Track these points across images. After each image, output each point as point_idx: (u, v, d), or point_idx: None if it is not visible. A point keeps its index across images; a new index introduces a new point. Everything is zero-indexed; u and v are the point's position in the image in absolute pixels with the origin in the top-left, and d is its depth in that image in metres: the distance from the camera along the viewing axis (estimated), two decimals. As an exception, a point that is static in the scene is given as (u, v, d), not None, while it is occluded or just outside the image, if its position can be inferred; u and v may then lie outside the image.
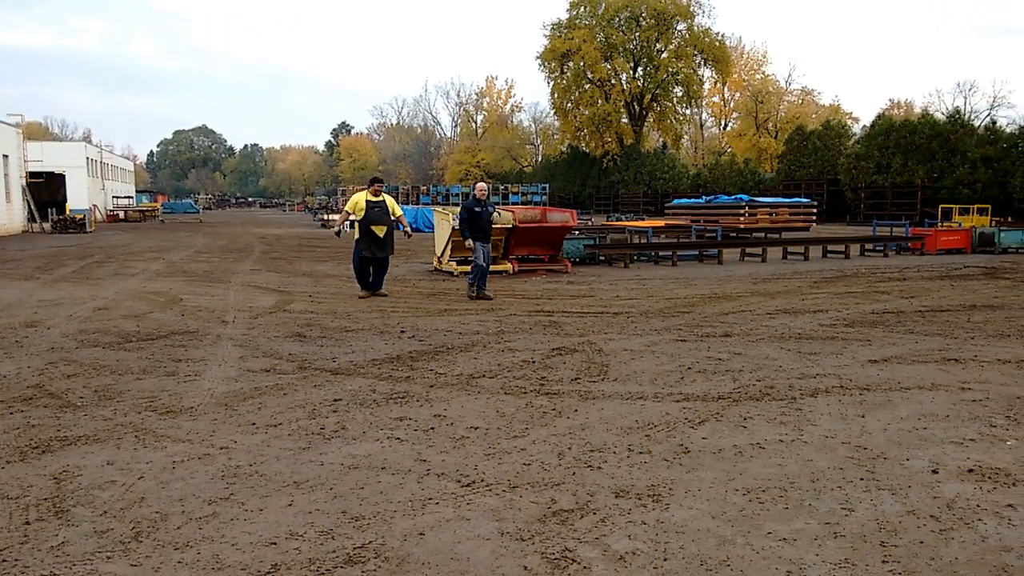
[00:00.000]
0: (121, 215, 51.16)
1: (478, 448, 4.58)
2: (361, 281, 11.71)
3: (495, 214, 11.52)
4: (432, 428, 4.98)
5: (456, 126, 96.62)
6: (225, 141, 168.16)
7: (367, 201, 11.45)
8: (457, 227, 15.37)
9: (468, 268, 15.36)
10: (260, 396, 5.77)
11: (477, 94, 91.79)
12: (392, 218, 11.67)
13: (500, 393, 5.87)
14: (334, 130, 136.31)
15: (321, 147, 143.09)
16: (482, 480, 4.06)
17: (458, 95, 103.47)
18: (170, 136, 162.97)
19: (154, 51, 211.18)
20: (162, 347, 7.71)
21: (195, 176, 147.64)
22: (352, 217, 11.60)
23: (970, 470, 4.18)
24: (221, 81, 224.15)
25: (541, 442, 4.70)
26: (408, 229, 12.53)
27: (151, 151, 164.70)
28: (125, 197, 60.80)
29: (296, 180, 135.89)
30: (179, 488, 3.98)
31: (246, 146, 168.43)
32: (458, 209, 20.13)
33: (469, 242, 11.41)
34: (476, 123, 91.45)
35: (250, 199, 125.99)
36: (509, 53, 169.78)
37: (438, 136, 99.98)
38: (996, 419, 5.13)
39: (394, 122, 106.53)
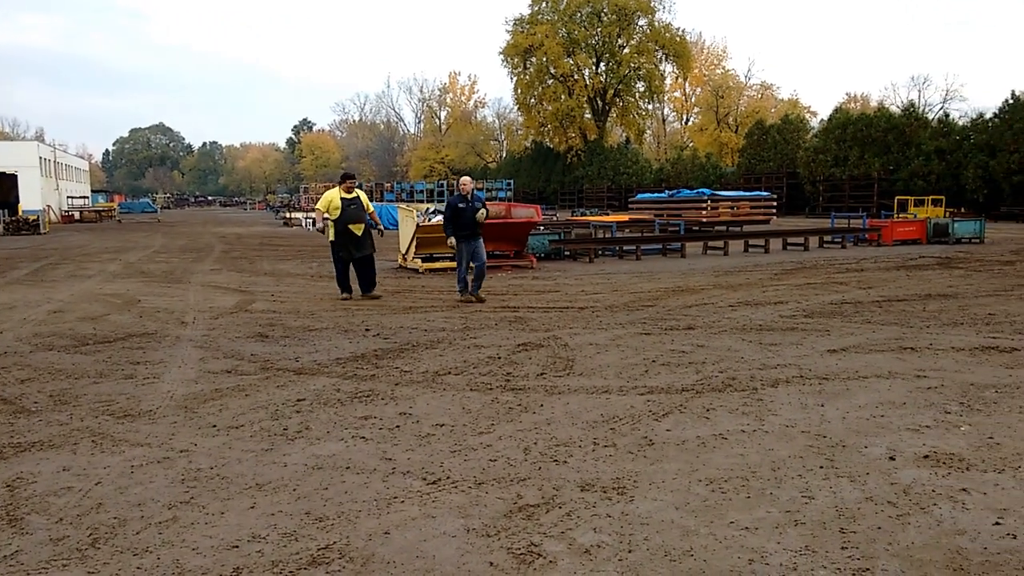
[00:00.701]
0: (76, 215, 49.99)
1: (444, 445, 4.57)
2: (341, 283, 11.12)
3: (482, 210, 10.58)
4: (397, 426, 4.95)
5: (420, 122, 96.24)
6: (183, 139, 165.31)
7: (342, 199, 10.82)
8: (422, 224, 15.38)
9: (434, 265, 15.36)
10: (221, 398, 5.68)
11: (440, 90, 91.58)
12: (367, 214, 11.18)
13: (466, 390, 5.85)
14: (295, 127, 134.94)
15: (282, 144, 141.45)
16: (448, 477, 4.05)
17: (421, 91, 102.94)
18: (126, 134, 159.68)
19: (109, 48, 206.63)
20: (119, 350, 7.55)
21: (153, 175, 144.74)
22: (327, 217, 10.95)
23: (926, 456, 4.28)
24: (179, 78, 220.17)
25: (507, 438, 4.70)
26: (380, 227, 12.04)
27: (107, 150, 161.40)
28: (80, 197, 59.39)
29: (257, 178, 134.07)
30: (138, 493, 3.90)
31: (205, 144, 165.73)
32: (423, 206, 19.95)
33: (451, 241, 10.67)
34: (440, 119, 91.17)
35: (210, 198, 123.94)
36: (472, 48, 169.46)
37: (401, 132, 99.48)
38: (950, 406, 5.26)
39: (357, 118, 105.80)
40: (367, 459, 4.34)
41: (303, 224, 38.66)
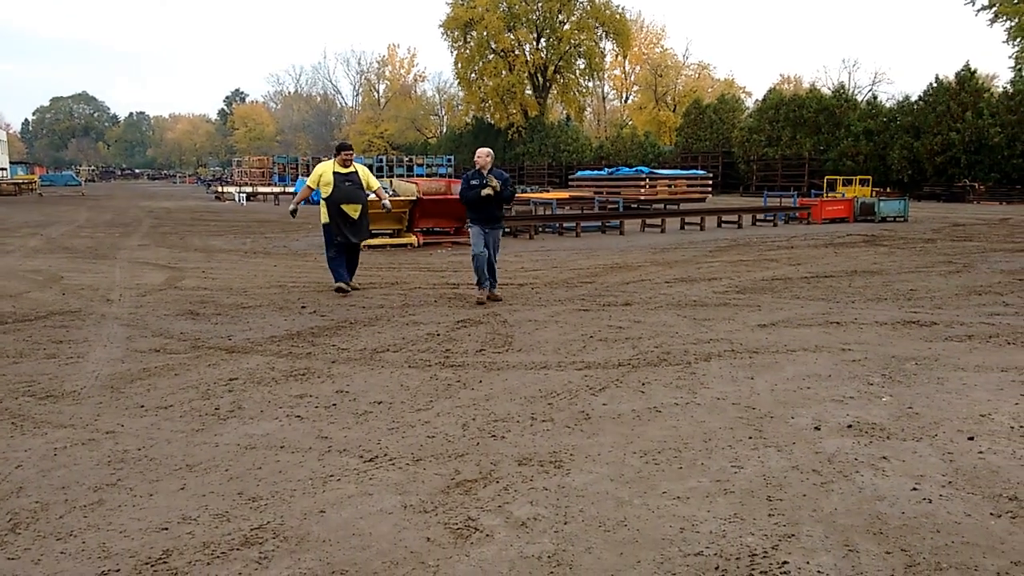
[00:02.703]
0: (-7, 188, 47.48)
1: (381, 423, 4.54)
2: (336, 272, 9.36)
3: (487, 187, 8.47)
4: (334, 404, 4.89)
5: (358, 95, 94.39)
6: (108, 109, 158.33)
7: (335, 174, 9.16)
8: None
9: (372, 241, 15.11)
10: (149, 377, 5.51)
11: (379, 63, 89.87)
12: (367, 192, 9.51)
13: (404, 367, 5.82)
14: (227, 97, 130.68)
15: (214, 115, 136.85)
16: (385, 455, 4.03)
17: (359, 63, 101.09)
18: (47, 104, 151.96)
19: (25, 12, 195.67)
20: (41, 328, 7.23)
21: (76, 146, 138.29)
22: (319, 196, 9.30)
23: (849, 426, 4.45)
24: (103, 45, 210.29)
25: (445, 414, 4.70)
26: (389, 204, 10.77)
27: (26, 119, 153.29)
28: (-3, 168, 56.42)
29: (187, 150, 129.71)
30: (61, 476, 3.76)
31: (132, 114, 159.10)
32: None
33: (486, 191, 8.52)
34: (378, 93, 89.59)
35: (137, 171, 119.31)
36: (411, 21, 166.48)
37: (339, 105, 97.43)
38: (873, 377, 5.48)
39: (292, 90, 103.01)
40: (302, 438, 4.28)
41: (236, 198, 37.68)
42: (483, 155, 8.76)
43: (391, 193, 15.47)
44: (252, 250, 14.59)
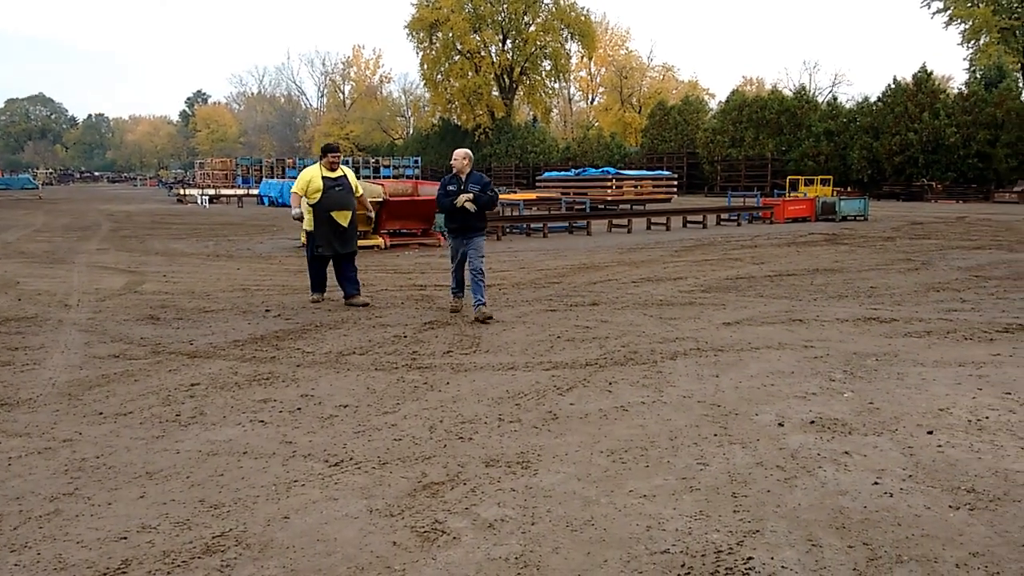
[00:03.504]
0: (-56, 192, 46.17)
1: (347, 427, 4.49)
2: (314, 282, 8.82)
3: (463, 196, 7.63)
4: (299, 409, 4.83)
5: (323, 96, 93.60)
6: (66, 111, 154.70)
7: (324, 179, 8.42)
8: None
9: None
10: (108, 384, 5.39)
11: (344, 63, 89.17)
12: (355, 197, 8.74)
13: (371, 370, 5.77)
14: (189, 99, 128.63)
15: (175, 117, 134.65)
16: (351, 459, 3.98)
17: (323, 64, 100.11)
18: (2, 106, 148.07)
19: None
20: (-6, 335, 7.03)
21: (33, 149, 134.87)
22: (305, 201, 8.57)
23: (812, 422, 4.51)
24: (60, 45, 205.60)
25: (412, 417, 4.66)
26: (372, 213, 9.69)
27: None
28: (-51, 172, 54.85)
29: (148, 152, 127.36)
30: (16, 486, 3.66)
31: (91, 116, 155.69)
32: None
33: (463, 199, 7.72)
34: (344, 94, 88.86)
35: (97, 173, 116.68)
36: (376, 21, 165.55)
37: (304, 107, 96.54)
38: (835, 374, 5.56)
39: (255, 91, 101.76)
40: (266, 443, 4.21)
41: (198, 201, 37.11)
42: (460, 157, 7.89)
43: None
44: (215, 253, 14.37)
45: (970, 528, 3.17)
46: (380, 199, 14.77)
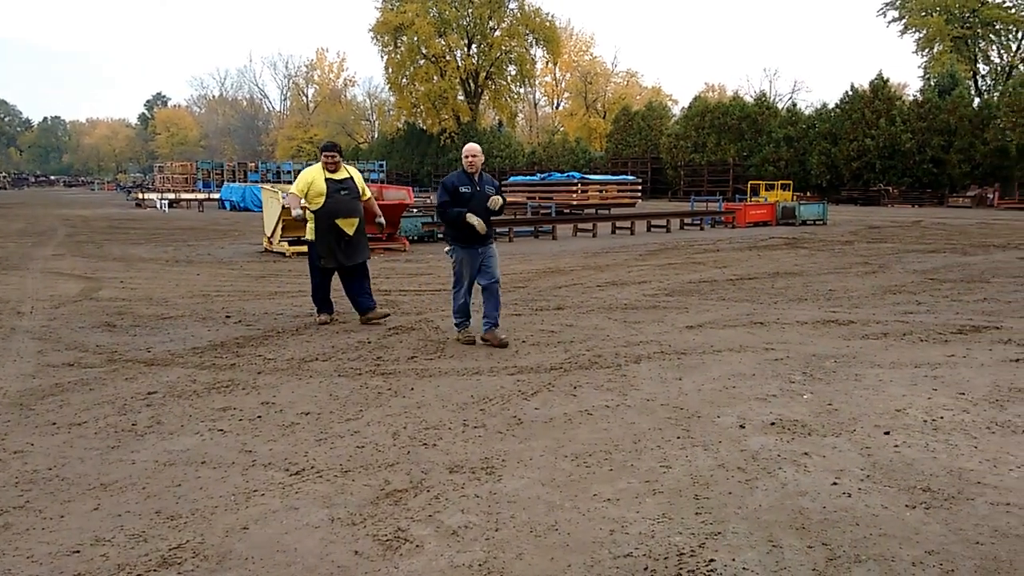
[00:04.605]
0: None
1: (309, 434, 4.43)
2: (319, 300, 7.77)
3: (496, 197, 6.67)
4: (259, 417, 4.75)
5: (286, 100, 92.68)
6: (20, 113, 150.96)
7: (327, 181, 7.49)
8: (287, 204, 14.63)
9: (302, 248, 14.76)
10: (62, 393, 5.25)
11: (307, 66, 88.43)
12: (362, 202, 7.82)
13: (334, 376, 5.70)
14: (148, 102, 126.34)
15: (134, 120, 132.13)
16: (312, 467, 3.93)
17: (286, 66, 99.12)
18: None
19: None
20: (-59, 344, 6.81)
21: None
22: (305, 206, 7.59)
23: (772, 423, 4.57)
24: (14, 46, 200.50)
25: (375, 423, 4.62)
26: (381, 217, 8.21)
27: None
28: None
29: (106, 156, 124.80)
30: (-39, 501, 3.53)
31: (46, 119, 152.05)
32: (291, 187, 18.17)
33: (472, 219, 6.54)
34: (307, 97, 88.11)
35: (53, 177, 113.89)
36: (340, 24, 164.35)
37: (266, 110, 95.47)
38: (795, 376, 5.65)
39: (217, 94, 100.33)
40: (225, 452, 4.14)
41: (157, 205, 36.44)
42: (476, 153, 6.70)
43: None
44: (174, 259, 14.11)
45: (926, 527, 3.23)
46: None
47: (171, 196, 40.17)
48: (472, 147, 6.76)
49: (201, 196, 40.87)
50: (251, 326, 7.59)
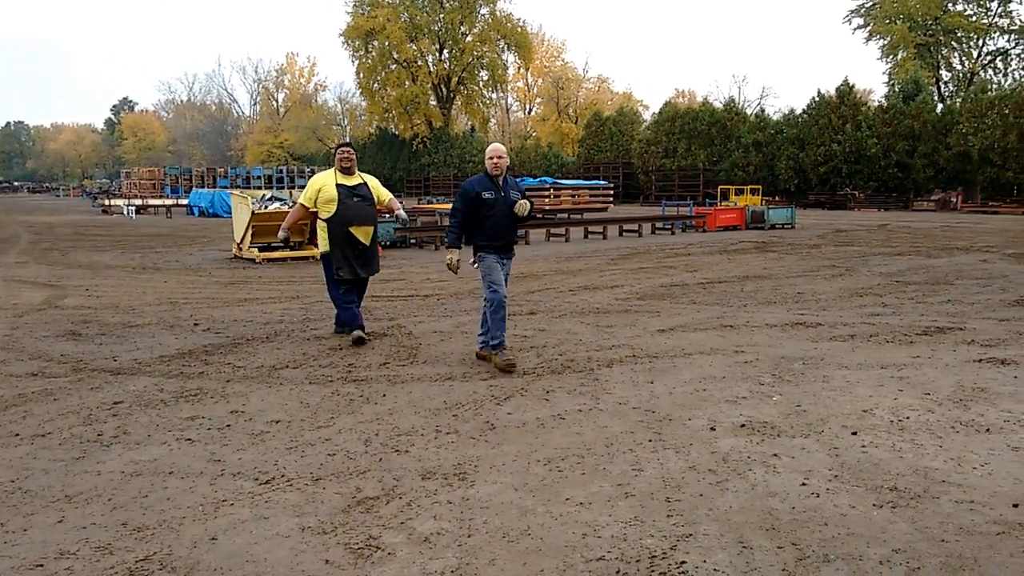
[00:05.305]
0: None
1: (279, 443, 4.38)
2: (345, 316, 7.17)
3: (523, 201, 6.08)
4: (228, 425, 4.69)
5: (256, 104, 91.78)
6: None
7: (339, 187, 6.99)
8: (258, 210, 14.50)
9: (272, 255, 14.61)
10: (25, 403, 5.13)
11: (277, 71, 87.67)
12: (379, 208, 7.41)
13: (305, 383, 5.65)
14: (115, 106, 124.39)
15: (100, 125, 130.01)
16: (282, 476, 3.88)
17: (256, 71, 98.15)
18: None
19: None
20: (-102, 355, 6.63)
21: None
22: (319, 217, 7.16)
23: (742, 425, 4.62)
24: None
25: (347, 431, 4.58)
26: (405, 216, 8.19)
27: None
28: None
29: (72, 162, 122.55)
30: (-81, 516, 3.44)
31: (9, 124, 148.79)
32: (259, 193, 17.77)
33: (451, 257, 6.14)
34: (277, 101, 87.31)
35: (16, 183, 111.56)
36: (311, 29, 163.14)
37: (236, 115, 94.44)
38: (764, 378, 5.71)
39: (185, 99, 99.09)
40: (193, 462, 4.07)
41: (124, 212, 35.87)
42: (499, 153, 6.10)
43: (290, 205, 15.08)
44: (141, 266, 13.89)
45: (892, 525, 3.28)
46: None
47: (138, 202, 39.54)
48: (497, 147, 6.18)
49: (169, 202, 40.27)
50: (220, 333, 7.49)
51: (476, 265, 6.22)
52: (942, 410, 4.88)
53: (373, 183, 7.34)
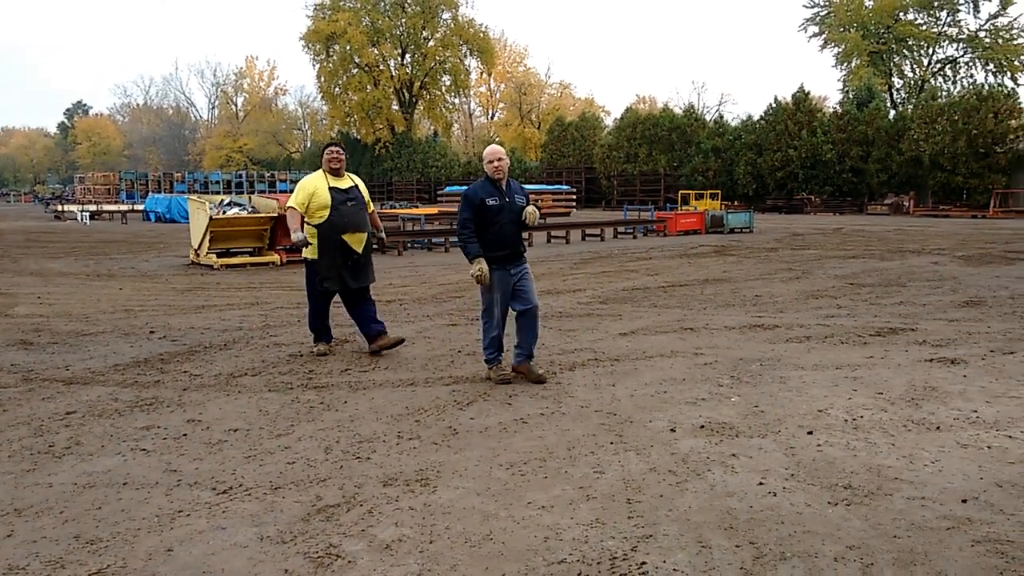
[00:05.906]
0: None
1: (237, 452, 4.31)
2: (318, 328, 6.91)
3: (531, 207, 5.87)
4: (184, 435, 4.60)
5: (214, 108, 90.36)
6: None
7: (331, 190, 6.61)
8: (216, 216, 14.27)
9: (231, 260, 14.41)
10: (-29, 415, 4.98)
11: (236, 75, 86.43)
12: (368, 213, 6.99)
13: (264, 391, 5.57)
14: (68, 110, 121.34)
15: (53, 129, 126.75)
16: (240, 485, 3.82)
17: (215, 74, 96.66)
18: None
19: None
20: None
21: None
22: (307, 223, 6.64)
23: (701, 426, 4.67)
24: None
25: (307, 438, 4.53)
26: (382, 232, 7.49)
27: None
28: None
29: (23, 167, 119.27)
30: None
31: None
32: (218, 198, 17.53)
33: (477, 269, 5.62)
34: (236, 106, 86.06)
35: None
36: (270, 32, 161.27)
37: (193, 119, 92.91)
38: (723, 379, 5.79)
39: (141, 102, 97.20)
40: (148, 472, 3.99)
41: (78, 217, 35.03)
42: (498, 155, 5.77)
43: (250, 211, 14.89)
44: (95, 273, 13.57)
45: (847, 523, 3.35)
46: (275, 214, 14.38)
47: (93, 208, 38.67)
48: (495, 149, 5.82)
49: (124, 207, 39.47)
50: (176, 341, 7.36)
51: (476, 272, 5.70)
52: (895, 409, 5.00)
53: (363, 188, 7.03)
